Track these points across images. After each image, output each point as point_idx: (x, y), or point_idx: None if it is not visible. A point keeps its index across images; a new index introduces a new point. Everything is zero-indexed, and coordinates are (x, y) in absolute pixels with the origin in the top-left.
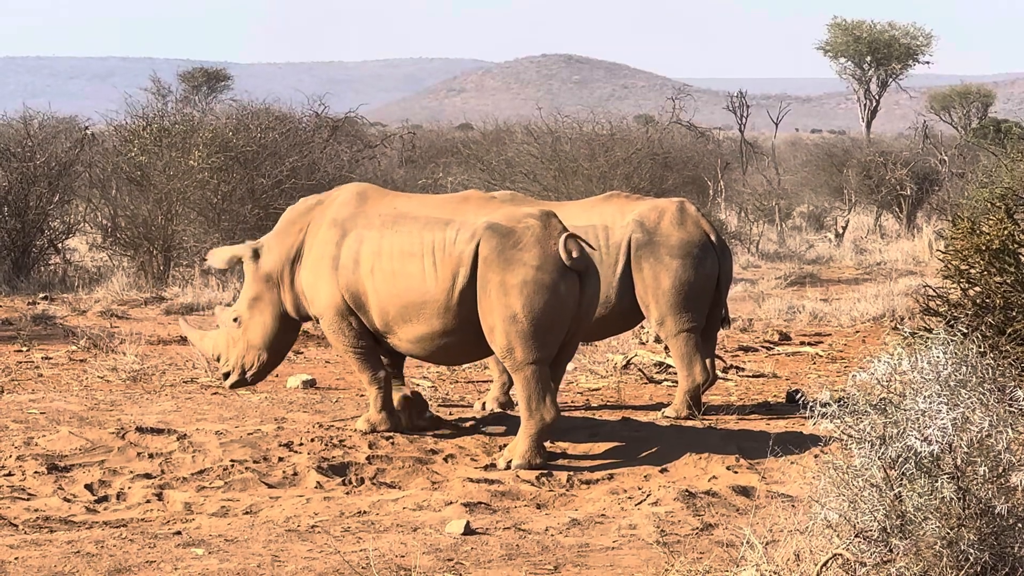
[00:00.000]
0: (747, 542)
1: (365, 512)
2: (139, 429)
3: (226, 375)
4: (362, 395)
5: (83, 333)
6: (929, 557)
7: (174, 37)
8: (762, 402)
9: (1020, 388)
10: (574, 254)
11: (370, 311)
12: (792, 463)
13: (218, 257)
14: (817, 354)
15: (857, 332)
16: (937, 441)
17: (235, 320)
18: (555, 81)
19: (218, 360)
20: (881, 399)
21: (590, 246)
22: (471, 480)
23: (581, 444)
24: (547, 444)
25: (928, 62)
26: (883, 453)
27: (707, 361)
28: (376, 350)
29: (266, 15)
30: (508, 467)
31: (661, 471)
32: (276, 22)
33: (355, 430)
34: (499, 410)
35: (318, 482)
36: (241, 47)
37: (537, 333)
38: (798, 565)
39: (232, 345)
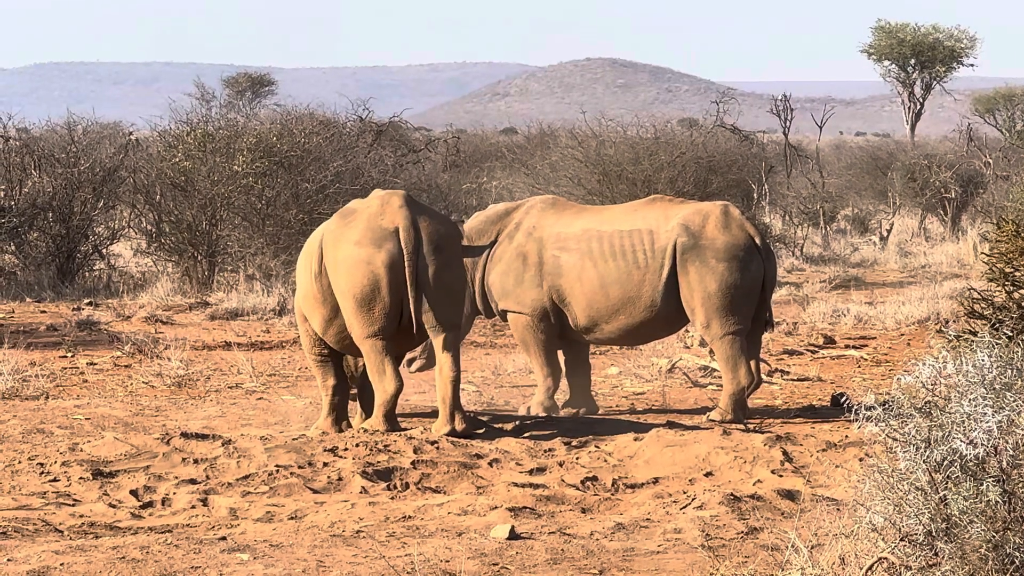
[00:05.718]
0: (792, 546)
1: (410, 517)
2: (184, 435)
3: None
4: (405, 399)
5: (128, 339)
6: (974, 560)
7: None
8: (807, 406)
9: None
10: (400, 227)
11: None
12: (837, 467)
13: None
14: (862, 357)
15: (902, 335)
16: (982, 444)
17: None
18: (599, 85)
19: None
20: (926, 402)
21: (450, 220)
22: (516, 485)
23: (626, 448)
24: (593, 448)
25: (972, 65)
26: (928, 456)
27: (752, 364)
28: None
29: (310, 20)
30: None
31: (706, 475)
32: (320, 27)
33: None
34: (544, 414)
35: (363, 487)
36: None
37: (361, 306)
38: (843, 569)
39: None
